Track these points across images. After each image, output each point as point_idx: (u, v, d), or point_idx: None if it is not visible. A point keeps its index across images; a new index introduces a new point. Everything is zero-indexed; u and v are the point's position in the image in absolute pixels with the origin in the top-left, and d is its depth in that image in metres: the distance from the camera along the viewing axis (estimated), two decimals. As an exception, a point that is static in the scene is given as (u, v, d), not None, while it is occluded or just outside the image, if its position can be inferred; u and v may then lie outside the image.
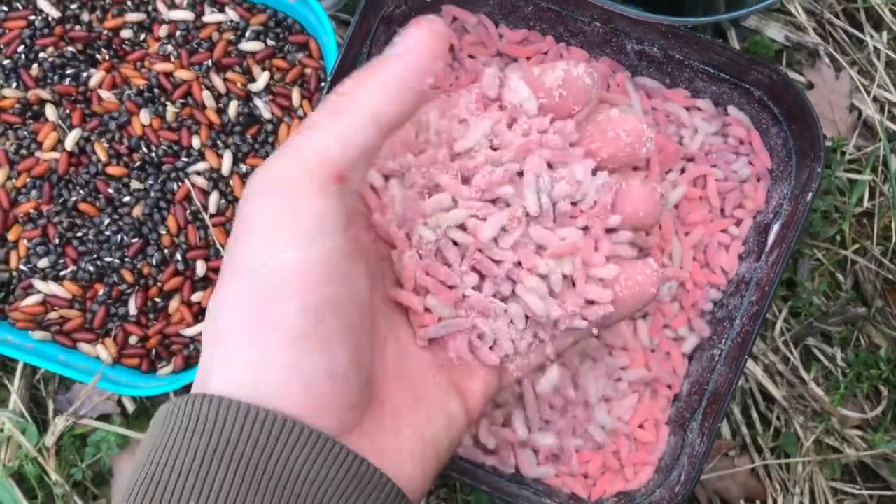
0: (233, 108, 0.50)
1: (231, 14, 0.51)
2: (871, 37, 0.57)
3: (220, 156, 0.49)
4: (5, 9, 0.50)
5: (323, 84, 0.50)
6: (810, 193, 0.41)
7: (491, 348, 0.33)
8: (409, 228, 0.32)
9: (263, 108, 0.50)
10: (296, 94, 0.50)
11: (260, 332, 0.25)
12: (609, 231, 0.34)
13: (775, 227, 0.43)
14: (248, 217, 0.27)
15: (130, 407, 0.51)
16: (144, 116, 0.49)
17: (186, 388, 0.48)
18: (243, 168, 0.49)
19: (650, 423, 0.44)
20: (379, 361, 0.29)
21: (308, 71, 0.51)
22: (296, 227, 0.26)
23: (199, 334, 0.47)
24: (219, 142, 0.49)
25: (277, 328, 0.25)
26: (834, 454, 0.53)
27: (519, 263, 0.32)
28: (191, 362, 0.48)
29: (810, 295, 0.53)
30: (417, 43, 0.28)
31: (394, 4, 0.45)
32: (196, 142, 0.49)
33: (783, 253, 0.41)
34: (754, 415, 0.53)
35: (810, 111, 0.41)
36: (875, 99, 0.56)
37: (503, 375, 0.33)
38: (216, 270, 0.48)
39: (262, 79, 0.50)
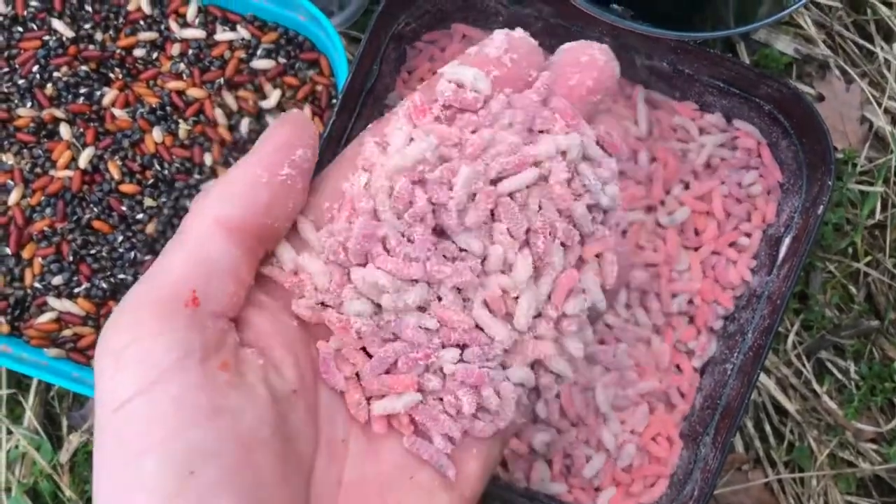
0: (244, 125, 0.50)
1: (243, 32, 0.51)
2: (882, 48, 0.57)
3: (232, 173, 0.49)
4: (20, 29, 0.51)
5: (334, 101, 0.51)
6: (821, 207, 0.41)
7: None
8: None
9: (275, 125, 0.50)
10: (307, 111, 0.50)
11: (129, 499, 0.21)
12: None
13: (787, 241, 0.43)
14: (100, 355, 0.23)
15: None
16: (157, 134, 0.49)
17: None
18: (255, 185, 0.49)
19: (663, 436, 0.44)
20: (334, 475, 0.25)
21: (319, 88, 0.51)
22: (141, 365, 0.22)
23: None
24: (231, 159, 0.50)
25: (144, 490, 0.21)
26: (849, 468, 0.52)
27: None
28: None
29: (823, 308, 0.53)
30: (269, 138, 0.25)
31: (403, 22, 0.45)
32: (208, 159, 0.49)
33: (795, 267, 0.41)
34: (767, 428, 0.52)
35: (820, 125, 0.41)
36: (886, 110, 0.56)
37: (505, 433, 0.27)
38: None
39: (274, 96, 0.50)
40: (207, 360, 0.23)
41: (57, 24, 0.51)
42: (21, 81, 0.50)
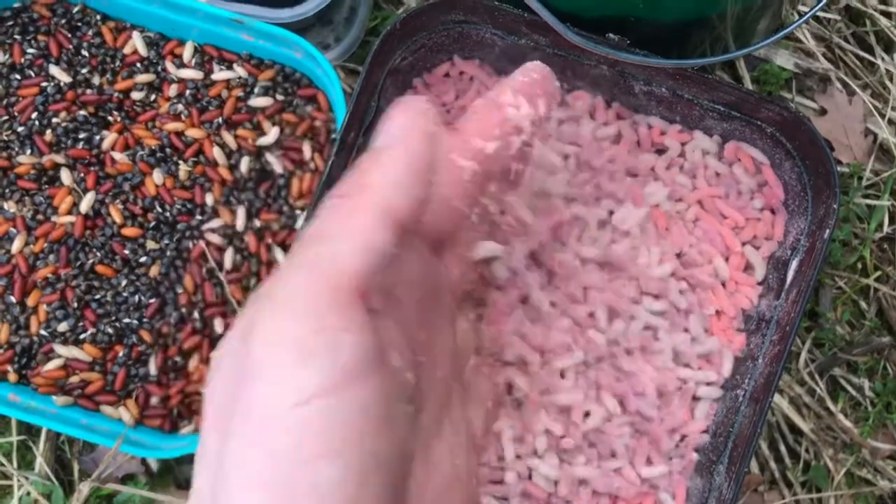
0: (244, 163, 0.50)
1: (239, 71, 0.51)
2: (883, 59, 0.57)
3: (233, 212, 0.49)
4: (18, 77, 0.51)
5: (333, 136, 0.51)
6: (827, 230, 0.40)
7: None
8: None
9: (275, 163, 0.50)
10: (307, 148, 0.50)
11: (290, 497, 0.20)
12: None
13: (794, 264, 0.43)
14: (275, 338, 0.21)
15: (155, 466, 0.51)
16: (157, 176, 0.49)
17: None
18: (257, 223, 0.49)
19: (675, 471, 0.43)
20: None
21: (318, 124, 0.51)
22: (328, 362, 0.21)
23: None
24: (232, 198, 0.50)
25: (317, 495, 0.20)
26: (867, 486, 0.52)
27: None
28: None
29: (833, 325, 0.52)
30: (405, 130, 0.25)
31: (400, 56, 0.45)
32: (209, 199, 0.49)
33: (803, 291, 0.41)
34: (782, 448, 0.52)
35: (823, 148, 0.40)
36: (890, 122, 0.56)
37: None
38: (234, 328, 0.48)
39: (273, 133, 0.50)
40: (384, 363, 0.22)
41: (54, 69, 0.51)
42: (20, 129, 0.50)
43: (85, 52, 0.51)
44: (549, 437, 0.41)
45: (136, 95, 0.51)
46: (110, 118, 0.51)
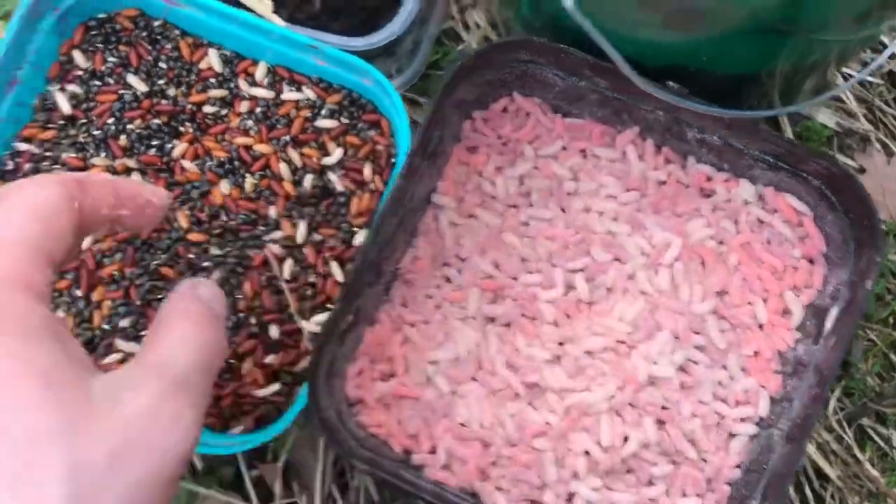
0: (308, 180, 0.52)
1: (308, 93, 0.54)
2: (921, 124, 0.59)
3: (294, 225, 0.51)
4: (98, 83, 0.54)
5: (392, 160, 0.53)
6: (869, 282, 0.42)
7: None
8: None
9: (337, 182, 0.52)
10: (367, 169, 0.53)
11: None
12: None
13: (833, 312, 0.45)
14: None
15: (199, 465, 0.53)
16: (224, 187, 0.52)
17: (256, 449, 0.50)
18: (316, 237, 0.52)
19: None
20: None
21: (379, 148, 0.53)
22: None
23: (272, 395, 0.49)
24: (294, 212, 0.52)
25: None
26: (889, 536, 0.53)
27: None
28: (261, 422, 0.49)
29: (864, 376, 0.54)
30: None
31: (465, 90, 0.48)
32: (273, 212, 0.52)
33: (842, 339, 0.42)
34: (808, 493, 0.53)
35: (869, 204, 0.42)
36: (926, 184, 0.58)
37: None
38: (290, 334, 0.50)
39: (336, 154, 0.53)
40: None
41: (132, 79, 0.53)
42: (97, 132, 0.53)
43: (163, 65, 0.54)
44: (588, 460, 0.42)
45: (208, 109, 0.53)
46: (182, 129, 0.53)
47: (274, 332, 0.50)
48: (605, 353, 0.45)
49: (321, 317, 0.50)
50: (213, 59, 0.54)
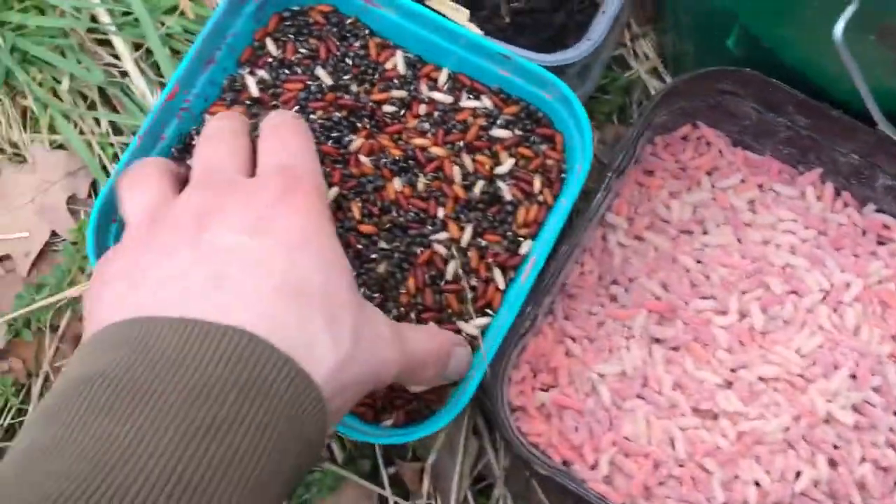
0: (478, 186, 0.53)
1: (486, 102, 0.55)
2: None
3: (461, 228, 0.52)
4: (287, 71, 0.56)
5: (563, 175, 0.54)
6: None
7: None
8: None
9: (506, 190, 0.53)
10: (537, 182, 0.53)
11: None
12: None
13: None
14: None
15: (340, 457, 0.53)
16: (397, 184, 0.53)
17: (396, 445, 0.50)
18: (481, 242, 0.52)
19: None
20: None
21: (550, 162, 0.54)
22: None
23: (425, 392, 0.50)
24: (462, 215, 0.53)
25: None
26: None
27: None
28: (412, 417, 0.50)
29: None
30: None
31: (660, 114, 0.48)
32: (441, 213, 0.53)
33: None
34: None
35: None
36: None
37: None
38: (449, 334, 0.51)
39: (508, 164, 0.54)
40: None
41: (320, 71, 0.56)
42: (281, 119, 0.55)
43: (349, 61, 0.56)
44: (758, 491, 0.42)
45: (387, 108, 0.55)
46: (360, 124, 0.55)
47: (433, 329, 0.51)
48: (780, 383, 0.45)
49: (480, 321, 0.51)
50: (398, 61, 0.56)
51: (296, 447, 0.30)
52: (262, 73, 0.56)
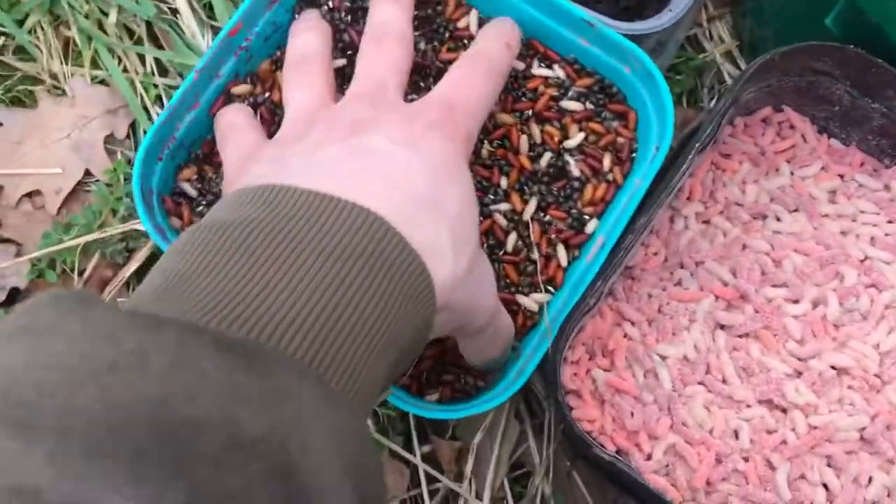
0: (545, 159, 0.50)
1: (558, 72, 0.52)
2: None
3: (525, 201, 0.50)
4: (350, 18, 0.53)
5: (634, 154, 0.51)
6: None
7: None
8: None
9: (573, 165, 0.51)
10: (607, 159, 0.51)
11: None
12: None
13: None
14: None
15: (373, 428, 0.51)
16: (461, 149, 0.50)
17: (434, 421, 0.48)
18: (544, 217, 0.50)
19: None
20: None
21: (621, 140, 0.51)
22: None
23: (472, 368, 0.47)
24: (525, 187, 0.50)
25: None
26: None
27: None
28: (457, 396, 0.48)
29: None
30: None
31: (749, 90, 0.46)
32: (504, 182, 0.50)
33: None
34: None
35: None
36: None
37: None
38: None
39: (577, 138, 0.51)
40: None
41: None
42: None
43: (420, 13, 0.53)
44: (826, 494, 0.40)
45: (454, 68, 0.52)
46: (423, 84, 0.52)
47: (489, 302, 0.48)
48: (855, 380, 0.43)
49: (539, 296, 0.48)
50: (472, 20, 0.53)
51: (407, 330, 0.31)
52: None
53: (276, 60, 0.52)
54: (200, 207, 0.50)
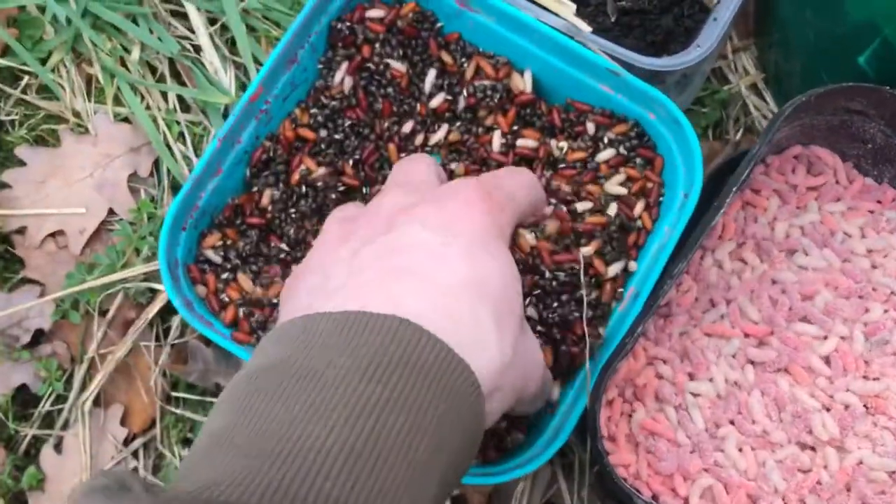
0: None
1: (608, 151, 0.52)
2: None
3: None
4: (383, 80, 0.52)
5: (661, 198, 0.50)
6: None
7: None
8: None
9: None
10: (639, 206, 0.50)
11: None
12: None
13: None
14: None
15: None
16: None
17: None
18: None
19: None
20: None
21: (650, 185, 0.51)
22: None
23: (511, 421, 0.47)
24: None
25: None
26: None
27: None
28: (502, 452, 0.47)
29: None
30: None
31: (780, 130, 0.46)
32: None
33: None
34: None
35: None
36: None
37: None
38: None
39: (616, 184, 0.50)
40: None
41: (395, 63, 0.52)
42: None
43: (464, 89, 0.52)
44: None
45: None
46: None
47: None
48: (884, 415, 0.44)
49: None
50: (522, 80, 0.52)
51: (455, 431, 0.31)
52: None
53: (293, 119, 0.52)
54: (225, 274, 0.50)
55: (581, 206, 0.50)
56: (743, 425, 0.46)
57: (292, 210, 0.50)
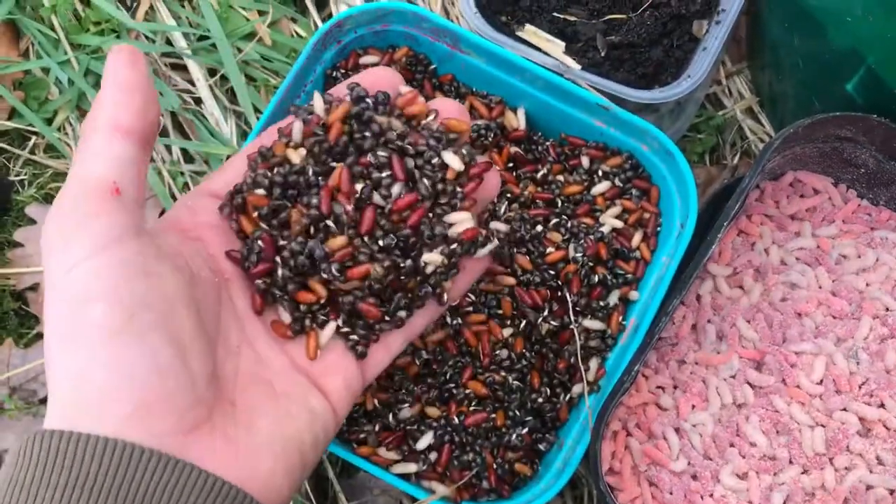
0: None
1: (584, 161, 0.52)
2: None
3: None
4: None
5: (658, 228, 0.51)
6: None
7: None
8: None
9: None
10: (637, 237, 0.51)
11: (74, 340, 0.28)
12: None
13: None
14: (50, 236, 0.29)
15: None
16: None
17: None
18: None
19: None
20: (231, 367, 0.32)
21: (646, 215, 0.51)
22: (88, 239, 0.29)
23: (513, 459, 0.47)
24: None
25: (90, 330, 0.28)
26: None
27: None
28: (503, 482, 0.48)
29: None
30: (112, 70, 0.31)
31: (772, 159, 0.46)
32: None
33: None
34: None
35: None
36: None
37: (365, 369, 0.36)
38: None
39: (612, 218, 0.51)
40: (139, 235, 0.30)
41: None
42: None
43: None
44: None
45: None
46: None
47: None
48: (877, 438, 0.44)
49: (578, 387, 0.48)
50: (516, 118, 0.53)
51: None
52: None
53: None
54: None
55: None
56: (743, 448, 0.46)
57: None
